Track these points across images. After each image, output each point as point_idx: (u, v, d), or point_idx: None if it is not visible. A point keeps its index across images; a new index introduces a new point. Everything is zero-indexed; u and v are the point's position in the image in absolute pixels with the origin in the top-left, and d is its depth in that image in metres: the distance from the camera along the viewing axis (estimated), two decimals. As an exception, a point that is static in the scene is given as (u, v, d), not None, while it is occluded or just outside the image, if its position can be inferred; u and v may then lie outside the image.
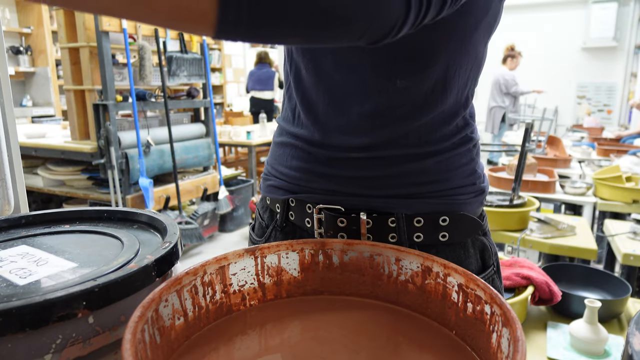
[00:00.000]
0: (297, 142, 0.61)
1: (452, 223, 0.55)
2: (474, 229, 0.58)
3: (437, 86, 0.54)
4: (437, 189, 0.56)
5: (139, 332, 0.32)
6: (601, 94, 6.70)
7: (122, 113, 3.04)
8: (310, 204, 0.59)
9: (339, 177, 0.57)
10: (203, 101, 3.27)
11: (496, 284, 0.61)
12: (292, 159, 0.61)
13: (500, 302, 0.35)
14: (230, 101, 7.60)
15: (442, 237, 0.55)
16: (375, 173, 0.56)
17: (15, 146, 0.73)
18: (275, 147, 0.66)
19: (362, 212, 0.55)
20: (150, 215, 0.58)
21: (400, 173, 0.55)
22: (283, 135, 0.64)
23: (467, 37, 0.53)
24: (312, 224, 0.59)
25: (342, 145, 0.56)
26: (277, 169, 0.64)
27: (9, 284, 0.42)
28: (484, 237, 0.60)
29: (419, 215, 0.55)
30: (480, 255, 0.59)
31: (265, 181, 0.66)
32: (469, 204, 0.57)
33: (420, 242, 0.55)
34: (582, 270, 1.58)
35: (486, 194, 0.61)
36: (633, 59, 6.44)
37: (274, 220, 0.65)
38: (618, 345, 1.23)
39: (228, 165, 4.70)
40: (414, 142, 0.55)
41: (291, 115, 0.63)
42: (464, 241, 0.57)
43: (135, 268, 0.41)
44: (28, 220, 0.59)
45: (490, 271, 0.60)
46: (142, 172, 2.72)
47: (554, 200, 2.40)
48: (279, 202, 0.63)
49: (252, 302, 0.47)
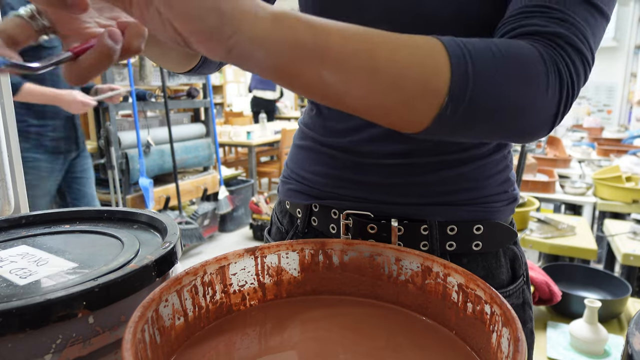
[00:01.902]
0: (321, 147, 0.58)
1: (487, 232, 0.53)
2: (508, 238, 0.56)
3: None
4: (472, 196, 0.53)
5: (139, 332, 0.32)
6: (601, 94, 6.70)
7: (122, 113, 3.05)
8: (336, 209, 0.56)
9: (368, 183, 0.55)
10: (203, 101, 3.27)
11: (525, 295, 0.58)
12: (316, 164, 0.59)
13: (500, 302, 0.35)
14: (230, 101, 7.60)
15: (476, 247, 0.53)
16: (408, 180, 0.53)
17: (16, 146, 0.73)
18: (296, 150, 0.63)
19: (394, 219, 0.53)
20: (150, 216, 0.58)
21: (436, 180, 0.53)
22: (306, 139, 0.61)
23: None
24: (336, 230, 0.56)
25: (373, 152, 0.54)
26: (299, 172, 0.61)
27: (9, 284, 0.42)
28: (515, 246, 0.57)
29: (452, 223, 0.52)
30: (510, 265, 0.57)
31: (285, 184, 0.63)
32: (502, 212, 0.55)
33: (453, 250, 0.53)
34: (582, 270, 1.58)
35: (517, 202, 0.58)
36: (633, 59, 6.44)
37: (294, 225, 0.62)
38: (618, 345, 1.23)
39: (228, 165, 4.70)
40: (452, 149, 0.53)
41: (316, 117, 0.59)
42: (496, 250, 0.55)
43: (135, 268, 0.41)
44: (28, 220, 0.59)
45: (521, 282, 0.57)
46: (142, 172, 2.72)
47: (554, 200, 2.40)
48: (300, 207, 0.60)
49: (252, 302, 0.47)
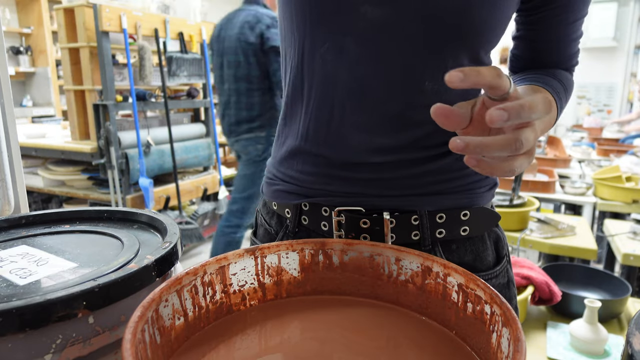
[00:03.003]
0: (306, 145, 0.57)
1: (473, 217, 0.56)
2: (493, 221, 0.58)
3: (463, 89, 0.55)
4: (457, 184, 0.56)
5: (139, 332, 0.32)
6: (601, 94, 6.69)
7: (122, 113, 3.04)
8: (326, 207, 0.57)
9: (358, 179, 0.55)
10: (203, 101, 3.27)
11: (509, 274, 0.61)
12: (304, 164, 0.58)
13: (500, 302, 0.35)
14: (230, 101, 7.57)
15: (463, 232, 0.56)
16: (396, 174, 0.55)
17: (16, 146, 0.73)
18: (280, 151, 0.61)
19: (385, 212, 0.54)
20: (150, 215, 0.58)
21: (422, 172, 0.55)
22: (286, 136, 0.60)
23: (497, 41, 0.54)
24: (328, 227, 0.57)
25: (361, 148, 0.54)
26: (286, 172, 0.60)
27: (9, 284, 0.42)
28: (497, 228, 0.60)
29: (441, 211, 0.55)
30: (494, 247, 0.59)
31: (271, 186, 0.63)
32: (484, 197, 0.58)
33: (442, 238, 0.55)
34: (582, 270, 1.58)
35: (497, 187, 0.61)
36: (633, 59, 6.43)
37: (283, 226, 0.62)
38: (618, 345, 1.23)
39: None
40: (434, 143, 0.54)
41: (299, 117, 0.58)
42: (482, 234, 0.57)
43: (135, 268, 0.41)
44: (28, 220, 0.59)
45: (505, 262, 0.60)
46: (142, 172, 2.72)
47: (554, 200, 2.40)
48: (289, 207, 0.60)
49: (252, 302, 0.47)
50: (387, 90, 0.52)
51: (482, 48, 0.53)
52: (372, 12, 0.49)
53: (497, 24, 0.52)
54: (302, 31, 0.54)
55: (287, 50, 0.58)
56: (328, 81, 0.54)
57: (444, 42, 0.50)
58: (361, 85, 0.52)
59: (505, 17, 0.52)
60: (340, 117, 0.54)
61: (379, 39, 0.50)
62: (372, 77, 0.52)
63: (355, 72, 0.52)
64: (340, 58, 0.52)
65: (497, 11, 0.50)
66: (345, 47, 0.51)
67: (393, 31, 0.50)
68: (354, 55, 0.51)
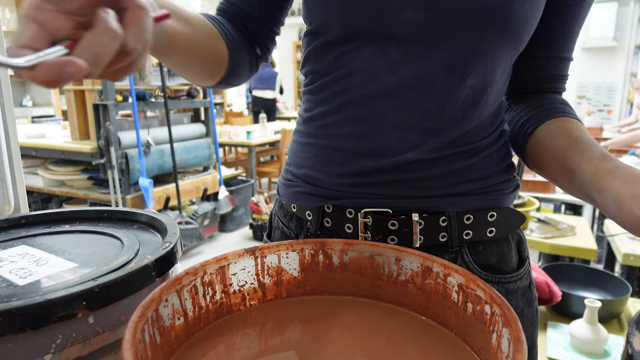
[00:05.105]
0: (332, 142, 0.56)
1: (500, 218, 0.55)
2: (518, 222, 0.58)
3: (501, 83, 0.54)
4: (483, 185, 0.55)
5: (139, 332, 0.32)
6: (601, 94, 6.70)
7: (122, 113, 3.04)
8: (351, 208, 0.55)
9: (386, 180, 0.54)
10: (203, 101, 3.28)
11: (531, 276, 0.61)
12: (329, 164, 0.56)
13: (500, 302, 0.35)
14: (230, 101, 7.60)
15: (490, 233, 0.55)
16: (425, 174, 0.53)
17: (15, 146, 0.73)
18: (302, 149, 0.59)
19: (414, 213, 0.53)
20: (150, 215, 0.58)
21: (450, 172, 0.54)
22: (313, 136, 0.58)
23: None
24: (353, 230, 0.55)
25: (397, 147, 0.53)
26: (307, 173, 0.58)
27: (9, 284, 0.42)
28: (519, 230, 0.60)
29: (468, 212, 0.54)
30: (517, 248, 0.59)
31: (290, 187, 0.60)
32: (509, 198, 0.57)
33: (469, 239, 0.54)
34: (582, 270, 1.58)
35: (519, 190, 0.61)
36: (633, 59, 6.44)
37: (304, 228, 0.60)
38: (618, 345, 1.23)
39: (228, 165, 4.70)
40: (462, 142, 0.54)
41: (325, 112, 0.56)
42: (507, 235, 0.57)
43: (135, 268, 0.41)
44: (28, 220, 0.59)
45: (527, 264, 0.60)
46: (142, 172, 2.72)
47: (554, 200, 2.40)
48: (310, 209, 0.58)
49: (252, 302, 0.47)
50: (429, 89, 0.52)
51: (519, 42, 0.53)
52: (415, 16, 0.49)
53: (532, 19, 0.52)
54: (340, 37, 0.53)
55: (320, 51, 0.56)
56: (368, 81, 0.53)
57: (483, 38, 0.50)
58: (403, 85, 0.52)
59: (538, 12, 0.52)
60: (379, 117, 0.53)
61: (421, 39, 0.50)
62: (414, 76, 0.51)
63: (397, 73, 0.52)
64: (383, 60, 0.52)
65: (532, 6, 0.51)
66: (389, 51, 0.51)
67: (435, 31, 0.50)
68: (396, 56, 0.51)
